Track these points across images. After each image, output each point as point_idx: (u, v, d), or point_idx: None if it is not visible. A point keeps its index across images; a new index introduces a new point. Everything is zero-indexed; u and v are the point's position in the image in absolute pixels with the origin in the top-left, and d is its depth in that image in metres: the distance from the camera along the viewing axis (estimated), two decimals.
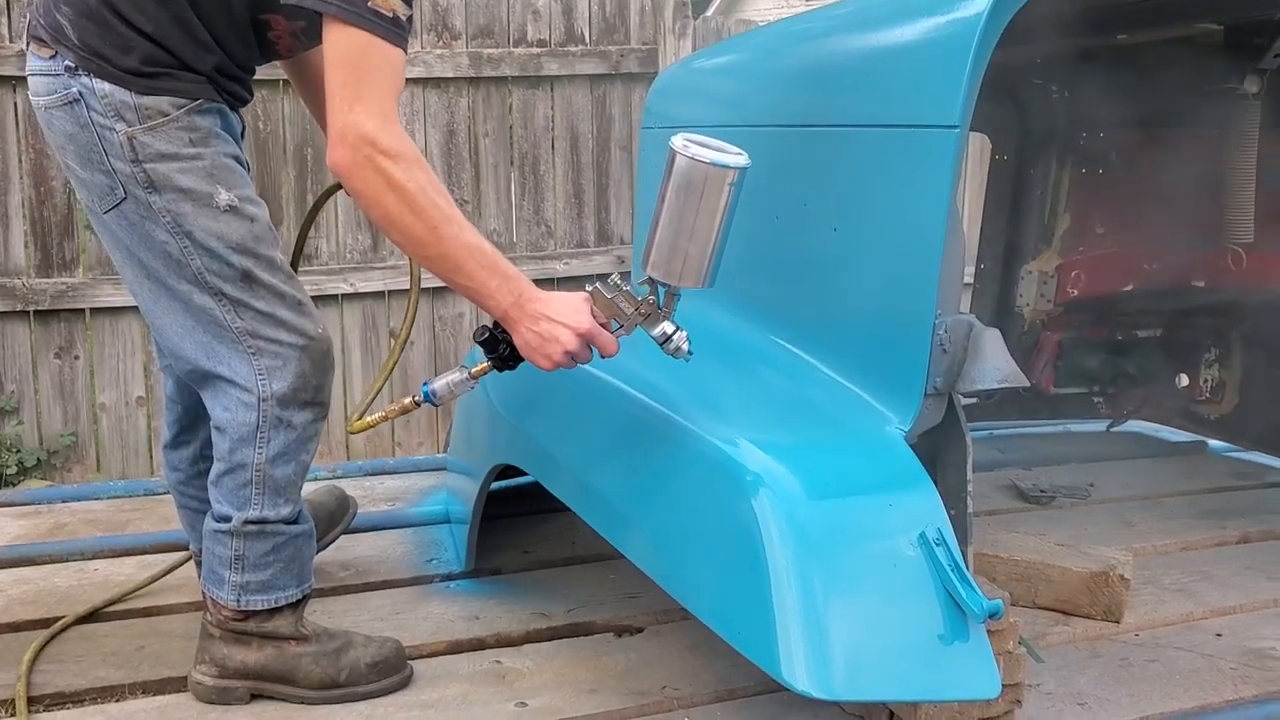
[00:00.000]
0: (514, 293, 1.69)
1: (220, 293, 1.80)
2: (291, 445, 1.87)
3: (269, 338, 1.82)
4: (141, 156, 1.74)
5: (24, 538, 2.71)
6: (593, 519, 1.99)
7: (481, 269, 1.67)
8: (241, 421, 1.84)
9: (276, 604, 1.94)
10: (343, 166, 1.61)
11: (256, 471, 1.87)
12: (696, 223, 1.62)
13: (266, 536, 1.91)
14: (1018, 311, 3.17)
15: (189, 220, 1.77)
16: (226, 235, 1.79)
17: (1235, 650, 2.17)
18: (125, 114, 1.72)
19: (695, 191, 1.60)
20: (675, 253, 1.64)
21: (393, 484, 3.15)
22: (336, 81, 1.62)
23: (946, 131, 1.65)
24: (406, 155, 1.62)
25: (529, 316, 1.69)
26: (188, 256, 1.78)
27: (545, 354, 1.71)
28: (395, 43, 1.64)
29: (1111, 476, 3.15)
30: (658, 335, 1.72)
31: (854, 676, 1.50)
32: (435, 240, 1.64)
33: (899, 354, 1.76)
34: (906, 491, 1.64)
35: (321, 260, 4.60)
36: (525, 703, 1.95)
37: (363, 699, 1.94)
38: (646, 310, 1.71)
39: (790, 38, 2.37)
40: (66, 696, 1.96)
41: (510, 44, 4.79)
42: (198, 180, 1.77)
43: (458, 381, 1.82)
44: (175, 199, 1.76)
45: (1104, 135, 3.04)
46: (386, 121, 1.60)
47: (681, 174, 1.60)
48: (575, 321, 1.69)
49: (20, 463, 4.28)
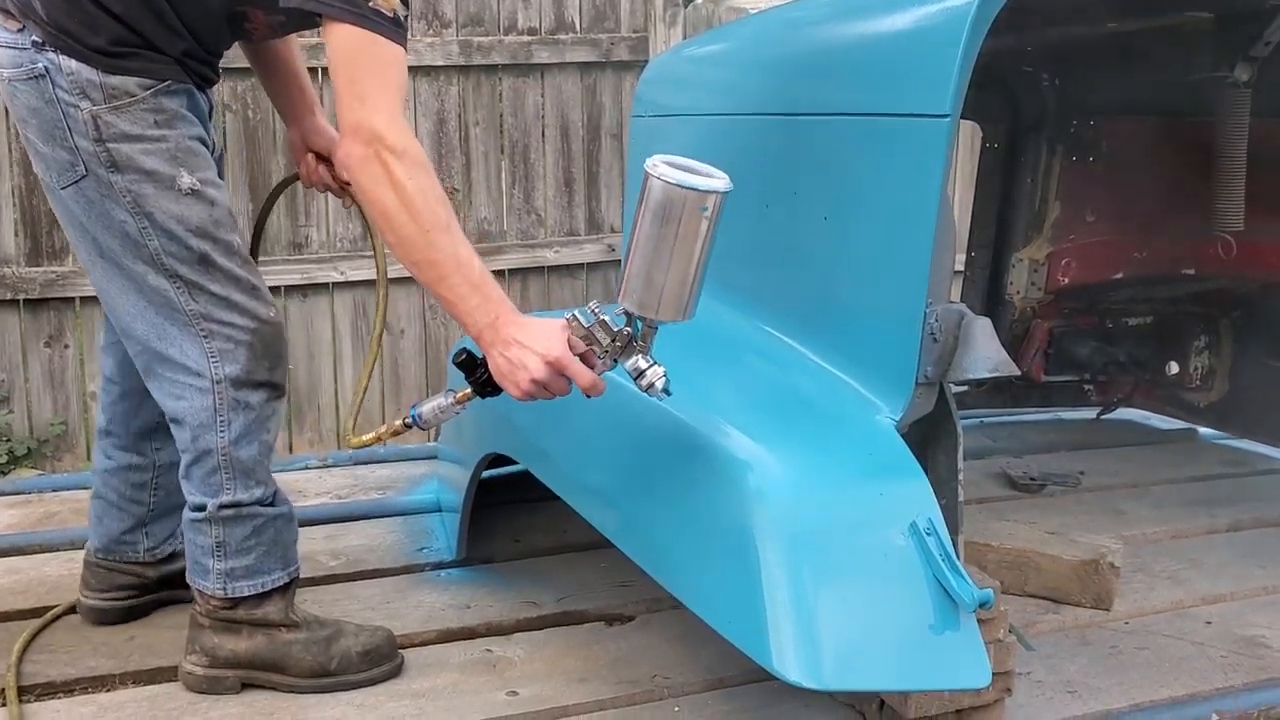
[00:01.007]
0: (491, 314, 1.63)
1: (176, 275, 1.80)
2: (252, 425, 1.87)
3: (222, 320, 1.82)
4: (105, 136, 1.73)
5: (14, 527, 2.71)
6: (583, 508, 1.99)
7: (465, 284, 1.63)
8: (199, 407, 1.84)
9: (264, 589, 1.94)
10: (353, 160, 1.61)
11: (223, 456, 1.86)
12: (674, 251, 1.51)
13: (244, 520, 1.90)
14: (1008, 300, 3.17)
15: (150, 201, 1.77)
16: (186, 218, 1.79)
17: (1225, 638, 2.18)
18: (91, 92, 1.72)
19: (672, 218, 1.49)
20: (651, 284, 1.53)
21: (383, 473, 3.15)
22: (344, 80, 1.62)
23: (937, 120, 1.65)
24: (411, 155, 1.61)
25: (502, 340, 1.62)
26: (145, 237, 1.78)
27: (514, 381, 1.63)
28: (397, 41, 1.64)
29: (1102, 464, 3.16)
30: (630, 370, 1.61)
31: (844, 666, 1.50)
32: (426, 245, 1.61)
33: (890, 343, 1.76)
34: (897, 481, 1.64)
35: (312, 249, 4.58)
36: (516, 692, 1.95)
37: (353, 688, 1.94)
38: (622, 342, 1.61)
39: (782, 26, 2.36)
40: (57, 686, 1.96)
41: (500, 32, 4.77)
42: (161, 162, 1.77)
43: (444, 406, 1.74)
44: (137, 179, 1.76)
45: (1094, 123, 3.04)
46: (393, 119, 1.60)
47: (656, 199, 1.49)
48: (546, 349, 1.60)
49: (10, 452, 4.27)
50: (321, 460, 3.25)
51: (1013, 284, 3.14)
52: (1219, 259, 2.93)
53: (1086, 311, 3.23)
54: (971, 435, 3.28)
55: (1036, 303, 3.17)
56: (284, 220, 4.55)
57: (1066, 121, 3.04)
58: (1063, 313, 3.22)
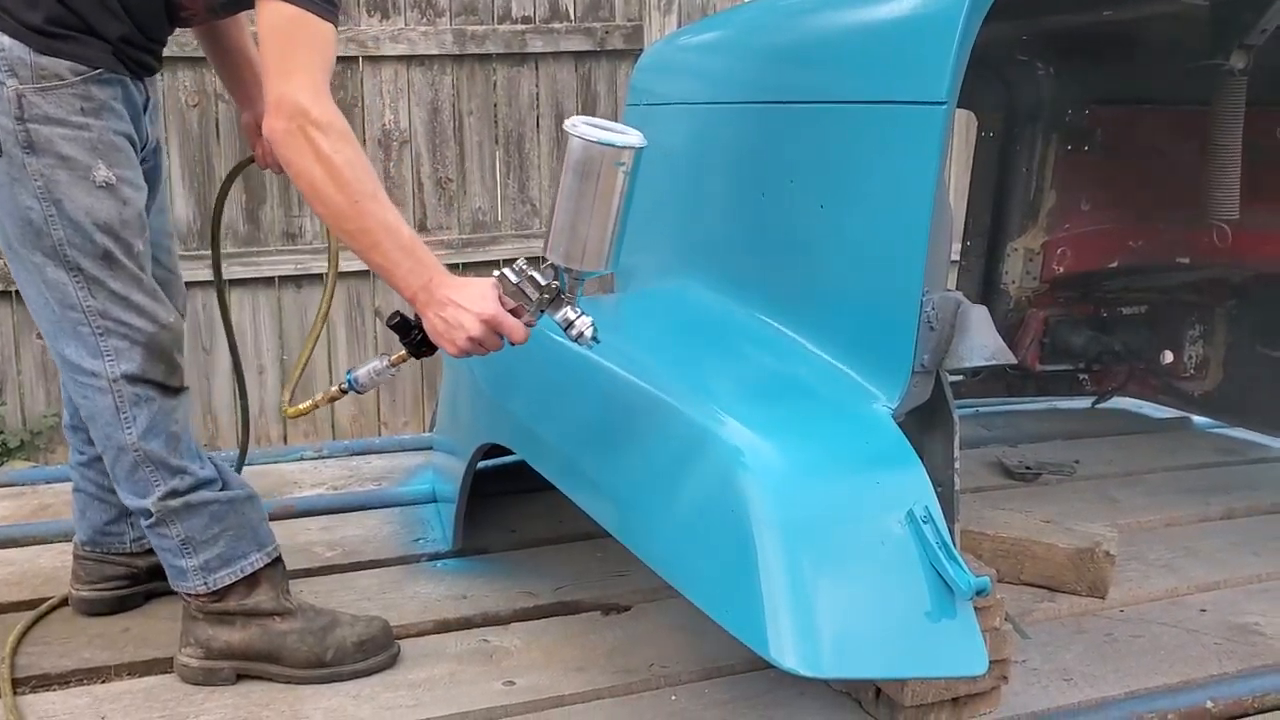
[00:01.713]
0: (424, 277, 1.67)
1: (78, 268, 1.76)
2: (157, 418, 1.84)
3: (119, 319, 1.80)
4: (27, 115, 1.70)
5: (8, 519, 2.70)
6: (579, 498, 1.99)
7: (397, 249, 1.66)
8: (102, 406, 1.83)
9: (244, 573, 1.93)
10: (277, 135, 1.63)
11: (136, 452, 1.85)
12: (595, 205, 1.60)
13: (196, 509, 1.89)
14: (1004, 289, 3.17)
15: (60, 188, 1.73)
16: (95, 212, 1.76)
17: (1219, 625, 2.18)
18: (19, 70, 1.69)
19: (591, 174, 1.59)
20: (574, 236, 1.62)
21: (379, 463, 3.15)
22: (272, 54, 1.64)
23: (934, 108, 1.65)
24: (336, 128, 1.63)
25: (436, 302, 1.67)
26: (50, 226, 1.74)
27: (450, 339, 1.68)
28: (327, 18, 1.66)
29: (1097, 453, 3.17)
30: (560, 321, 1.68)
31: (841, 654, 1.50)
32: (355, 214, 1.64)
33: (886, 331, 1.76)
34: (894, 469, 1.64)
35: (306, 239, 4.57)
36: (513, 681, 1.95)
37: (349, 678, 1.94)
38: (550, 295, 1.68)
39: (778, 13, 2.36)
40: (52, 678, 1.96)
41: (495, 21, 4.75)
42: (79, 150, 1.73)
43: (379, 369, 1.80)
44: (52, 164, 1.72)
45: (1090, 112, 3.04)
46: (319, 94, 1.63)
47: (576, 156, 1.59)
48: (480, 308, 1.65)
49: (4, 443, 4.26)
50: (317, 451, 3.25)
51: (1008, 273, 3.14)
52: (1214, 248, 2.93)
53: (1082, 300, 3.24)
54: (967, 424, 3.29)
55: (1032, 292, 3.17)
56: (277, 210, 4.53)
57: (1062, 110, 3.04)
58: (1058, 302, 3.22)
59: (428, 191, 4.72)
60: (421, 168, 4.72)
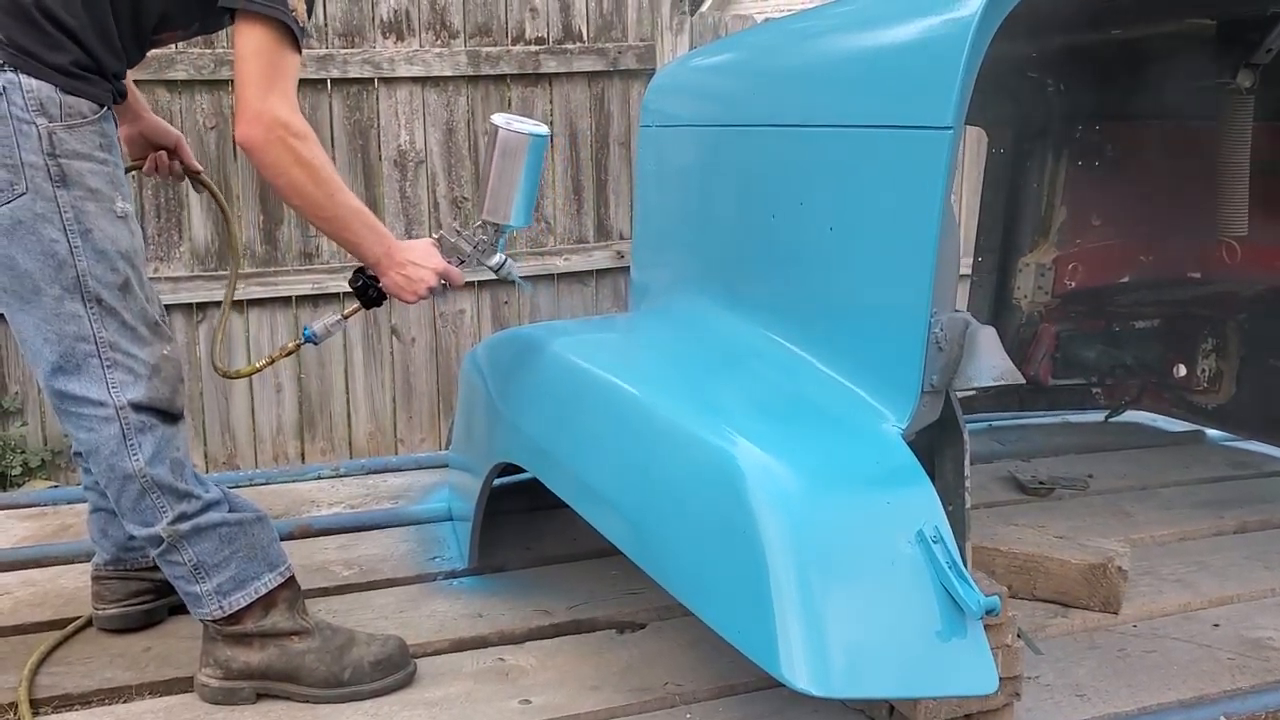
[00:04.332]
0: (385, 246, 2.02)
1: (97, 299, 1.84)
2: (161, 444, 1.90)
3: (127, 352, 1.87)
4: (58, 151, 1.79)
5: (30, 539, 2.73)
6: (592, 516, 2.01)
7: (363, 227, 1.99)
8: (108, 435, 1.87)
9: (258, 594, 1.96)
10: (256, 142, 1.85)
11: (143, 479, 1.88)
12: (515, 176, 2.12)
13: (205, 531, 1.92)
14: (1015, 304, 3.19)
15: (90, 219, 1.82)
16: (118, 241, 1.86)
17: (1233, 640, 2.19)
18: (49, 109, 1.78)
19: (511, 154, 2.11)
20: (498, 199, 2.13)
21: (395, 481, 3.17)
22: (254, 71, 1.84)
23: (940, 133, 1.67)
24: (310, 137, 1.89)
25: (396, 264, 2.03)
26: (75, 257, 1.81)
27: (413, 291, 2.05)
28: (298, 48, 1.89)
29: (1110, 467, 3.17)
30: (494, 265, 2.19)
31: (853, 674, 1.52)
32: (330, 204, 1.93)
33: (895, 352, 1.77)
34: (904, 489, 1.65)
35: (323, 259, 4.62)
36: (529, 700, 1.97)
37: (368, 698, 1.96)
38: (483, 247, 2.16)
39: (788, 37, 2.38)
40: (74, 698, 1.99)
41: (508, 42, 4.80)
42: (103, 183, 1.84)
43: (333, 323, 2.20)
44: (82, 196, 1.81)
45: (1099, 129, 3.06)
46: (294, 109, 1.87)
47: (502, 142, 2.11)
48: (434, 264, 2.06)
49: (25, 463, 4.31)
50: (334, 470, 3.27)
51: (1019, 288, 3.16)
52: (1225, 262, 2.94)
53: (1093, 315, 3.25)
54: (979, 439, 3.30)
55: (1043, 306, 3.18)
56: (294, 231, 4.58)
57: (1071, 127, 3.06)
58: (1069, 316, 3.23)
59: (443, 211, 4.76)
60: (437, 187, 4.76)
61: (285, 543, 2.17)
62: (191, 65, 4.33)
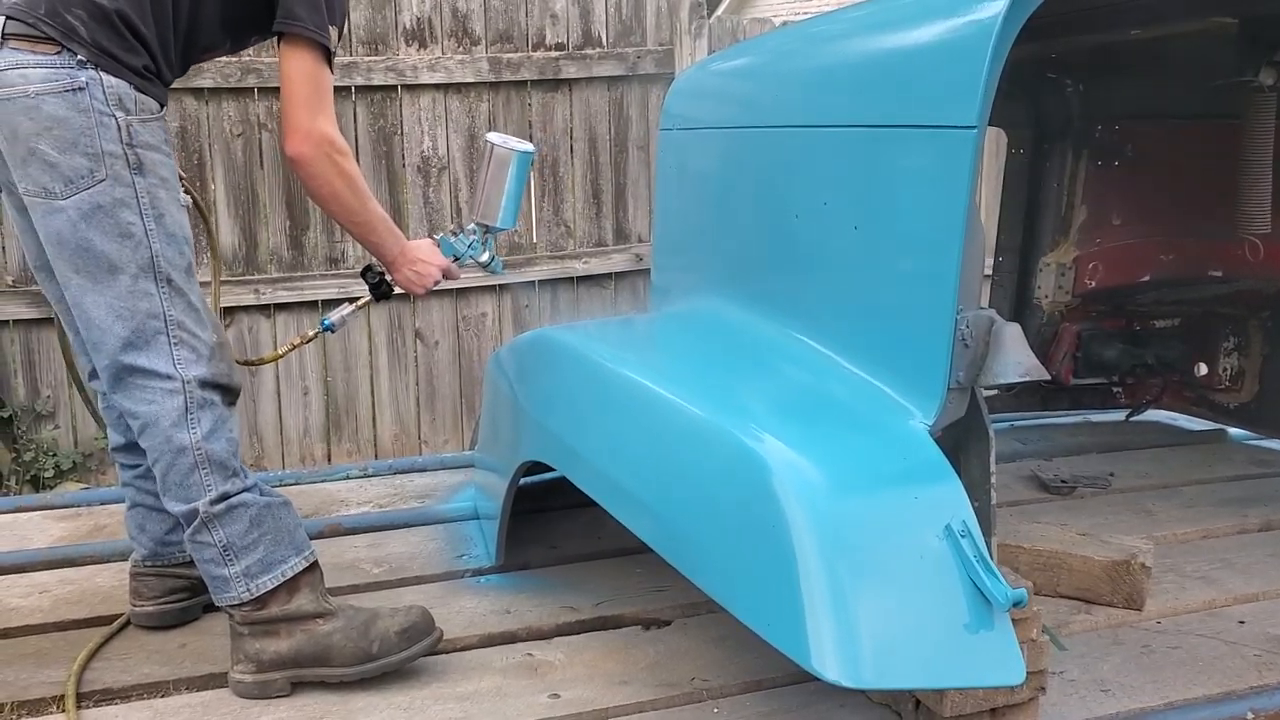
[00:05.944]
0: (399, 245, 2.28)
1: (168, 279, 1.97)
2: (219, 422, 2.00)
3: (191, 331, 2.00)
4: (135, 142, 1.94)
5: (66, 539, 2.78)
6: (620, 513, 2.03)
7: (385, 230, 2.23)
8: (170, 408, 1.96)
9: (285, 577, 2.00)
10: (307, 158, 2.04)
11: (198, 452, 1.96)
12: (504, 185, 2.43)
13: (237, 512, 1.98)
14: (1036, 303, 3.19)
15: (163, 204, 1.97)
16: (185, 227, 2.02)
17: (1258, 637, 2.19)
18: (127, 104, 1.93)
19: (502, 167, 2.42)
20: (491, 204, 2.43)
21: (422, 481, 3.21)
22: (303, 93, 2.03)
23: (964, 132, 1.68)
24: (349, 152, 2.11)
25: (409, 261, 2.30)
26: (150, 239, 1.95)
27: (422, 284, 2.33)
28: (332, 70, 2.09)
29: (1132, 466, 3.17)
30: (484, 261, 2.46)
31: (882, 665, 1.53)
32: (363, 210, 2.15)
33: (921, 349, 1.79)
34: (931, 484, 1.67)
35: (348, 264, 4.66)
36: (558, 694, 2.00)
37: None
38: (476, 246, 2.43)
39: (809, 39, 2.40)
40: (114, 692, 2.03)
41: (529, 48, 4.83)
42: (170, 174, 2.01)
43: (348, 313, 2.47)
44: (156, 184, 1.96)
45: (1119, 128, 3.06)
46: (335, 127, 2.08)
47: (495, 158, 2.42)
48: (439, 261, 2.35)
49: (57, 466, 4.36)
50: (362, 470, 3.31)
51: (1040, 288, 3.17)
52: (1246, 261, 2.94)
53: (1114, 314, 3.25)
54: (1002, 438, 3.31)
55: (1064, 306, 3.19)
56: (320, 236, 4.62)
57: (1091, 126, 3.07)
58: (1091, 315, 3.23)
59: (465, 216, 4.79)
60: (460, 193, 4.80)
61: (315, 541, 2.21)
62: (219, 74, 4.38)
